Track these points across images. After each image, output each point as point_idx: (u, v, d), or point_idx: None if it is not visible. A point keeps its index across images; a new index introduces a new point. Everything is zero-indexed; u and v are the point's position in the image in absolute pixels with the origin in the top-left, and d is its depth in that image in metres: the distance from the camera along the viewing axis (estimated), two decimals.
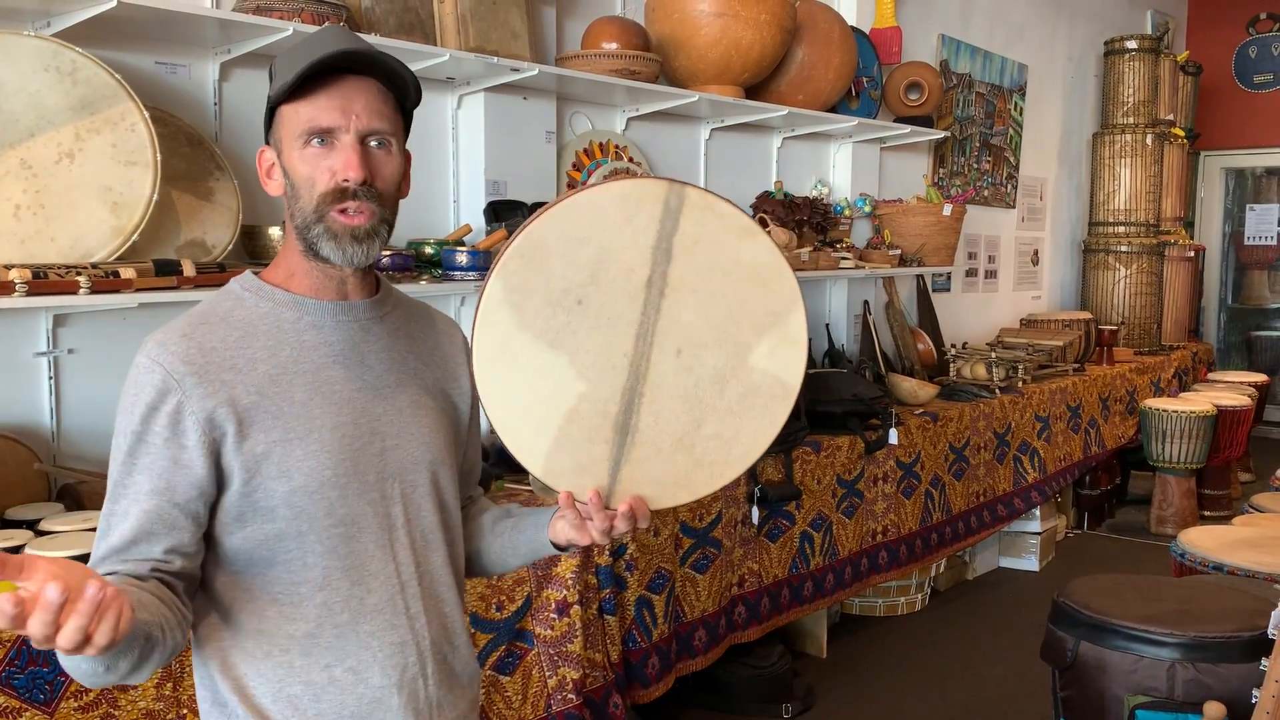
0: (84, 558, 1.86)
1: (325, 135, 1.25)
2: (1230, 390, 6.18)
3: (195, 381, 1.22)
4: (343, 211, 1.26)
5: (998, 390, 4.84)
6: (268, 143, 1.32)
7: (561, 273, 1.24)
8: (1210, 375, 6.90)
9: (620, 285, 1.25)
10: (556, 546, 1.41)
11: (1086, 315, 6.25)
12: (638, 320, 1.26)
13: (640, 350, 1.27)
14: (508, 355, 1.25)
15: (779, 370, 1.31)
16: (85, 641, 0.92)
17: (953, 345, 5.21)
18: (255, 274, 1.35)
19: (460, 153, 3.21)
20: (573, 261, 1.24)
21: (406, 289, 2.74)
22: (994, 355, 4.99)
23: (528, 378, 1.25)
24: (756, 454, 1.34)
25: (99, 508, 2.15)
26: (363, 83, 1.26)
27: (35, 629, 0.88)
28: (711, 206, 1.26)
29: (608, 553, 2.82)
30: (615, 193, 1.24)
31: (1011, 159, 6.20)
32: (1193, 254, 7.20)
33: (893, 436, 4.02)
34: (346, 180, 1.24)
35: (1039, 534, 5.10)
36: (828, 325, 4.63)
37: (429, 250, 2.88)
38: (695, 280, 1.26)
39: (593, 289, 1.24)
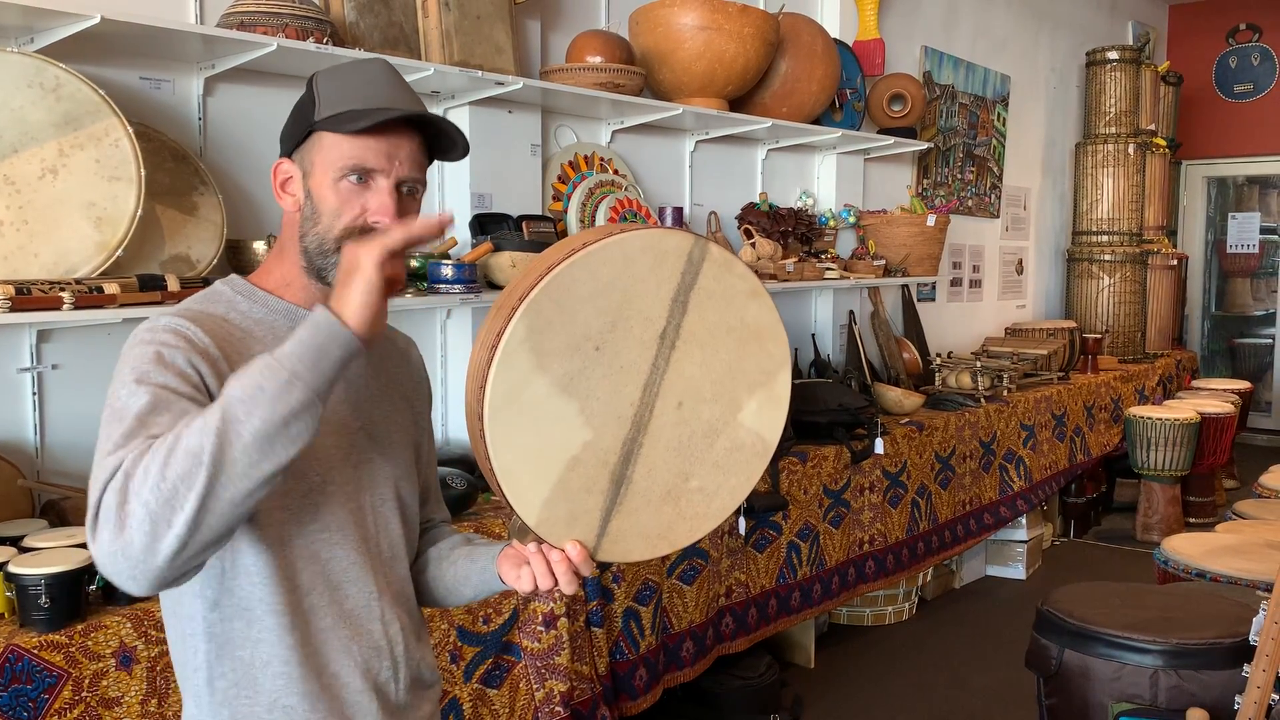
0: (70, 572, 1.87)
1: (364, 175, 1.27)
2: (1214, 397, 6.22)
3: (219, 354, 1.22)
4: None
5: (983, 399, 4.86)
6: (289, 155, 1.33)
7: (586, 317, 1.21)
8: (1194, 383, 6.94)
9: (636, 334, 1.24)
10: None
11: (1071, 324, 6.29)
12: (647, 371, 1.26)
13: (645, 401, 1.26)
14: (521, 399, 1.20)
15: (762, 428, 1.34)
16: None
17: (938, 355, 5.24)
18: (243, 278, 1.36)
19: (445, 166, 3.22)
20: (599, 307, 1.21)
21: (392, 302, 2.77)
22: (979, 364, 5.01)
23: (537, 424, 1.22)
24: (732, 509, 1.37)
25: (83, 523, 2.16)
26: (409, 131, 1.30)
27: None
28: (729, 265, 1.27)
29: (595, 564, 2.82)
30: (644, 240, 1.22)
31: (995, 169, 6.24)
32: (1175, 262, 7.25)
33: (879, 446, 4.03)
34: (378, 222, 1.27)
35: (1025, 542, 5.12)
36: (814, 335, 4.65)
37: (414, 263, 2.89)
38: (704, 335, 1.27)
39: (611, 336, 1.22)
